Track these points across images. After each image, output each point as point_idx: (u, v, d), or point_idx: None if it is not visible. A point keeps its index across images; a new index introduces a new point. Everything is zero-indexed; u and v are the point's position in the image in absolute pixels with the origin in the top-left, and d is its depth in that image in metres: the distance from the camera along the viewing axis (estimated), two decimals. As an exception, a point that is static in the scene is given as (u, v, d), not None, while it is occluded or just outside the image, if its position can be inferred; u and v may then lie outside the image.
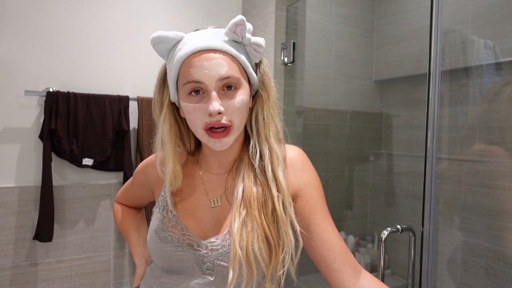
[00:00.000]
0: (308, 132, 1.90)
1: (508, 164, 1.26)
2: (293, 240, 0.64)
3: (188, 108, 0.63)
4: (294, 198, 0.69)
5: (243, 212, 0.64)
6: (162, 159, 0.70)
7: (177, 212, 0.70)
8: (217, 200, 0.70)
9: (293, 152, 0.72)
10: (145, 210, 0.99)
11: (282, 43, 1.77)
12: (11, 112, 1.54)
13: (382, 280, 1.16)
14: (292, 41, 1.75)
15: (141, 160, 1.70)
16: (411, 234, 1.16)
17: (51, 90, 1.55)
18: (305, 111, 1.87)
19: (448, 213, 1.48)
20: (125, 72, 1.76)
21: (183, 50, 0.63)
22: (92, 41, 1.68)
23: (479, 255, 1.35)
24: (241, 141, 0.72)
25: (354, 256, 0.69)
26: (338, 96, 2.02)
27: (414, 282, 1.18)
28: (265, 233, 0.62)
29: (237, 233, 0.62)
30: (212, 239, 0.66)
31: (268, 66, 0.71)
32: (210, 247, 0.65)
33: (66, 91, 1.57)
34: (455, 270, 1.44)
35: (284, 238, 0.63)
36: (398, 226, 1.14)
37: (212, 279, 0.65)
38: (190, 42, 0.63)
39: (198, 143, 0.77)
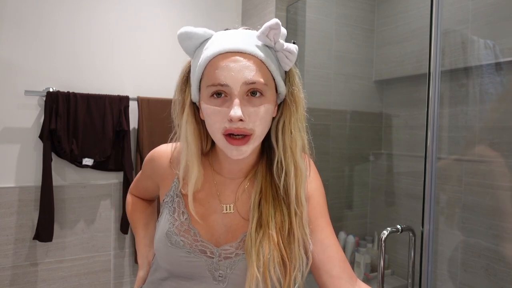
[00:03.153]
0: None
1: (508, 164, 1.26)
2: (304, 258, 0.64)
3: (208, 110, 0.60)
4: None
5: (260, 233, 0.62)
6: (180, 159, 0.67)
7: (190, 216, 0.68)
8: (229, 206, 0.68)
9: None
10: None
11: (282, 43, 1.77)
12: (11, 112, 1.54)
13: (382, 280, 1.17)
14: (292, 41, 1.74)
15: (141, 160, 1.70)
16: (411, 234, 1.16)
17: (51, 90, 1.55)
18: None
19: (448, 213, 1.48)
20: (125, 72, 1.76)
21: (210, 49, 0.60)
22: (92, 41, 1.68)
23: (479, 255, 1.35)
24: (258, 150, 0.69)
25: (354, 257, 0.70)
26: (338, 96, 2.01)
27: (414, 282, 1.18)
28: (281, 254, 0.62)
29: (254, 253, 0.61)
30: (226, 247, 0.65)
31: (299, 76, 0.67)
32: (224, 255, 0.64)
33: (66, 91, 1.57)
34: (455, 270, 1.44)
35: (297, 258, 0.63)
36: (398, 226, 1.14)
37: (224, 286, 0.64)
38: (219, 42, 0.60)
39: (213, 143, 0.73)
